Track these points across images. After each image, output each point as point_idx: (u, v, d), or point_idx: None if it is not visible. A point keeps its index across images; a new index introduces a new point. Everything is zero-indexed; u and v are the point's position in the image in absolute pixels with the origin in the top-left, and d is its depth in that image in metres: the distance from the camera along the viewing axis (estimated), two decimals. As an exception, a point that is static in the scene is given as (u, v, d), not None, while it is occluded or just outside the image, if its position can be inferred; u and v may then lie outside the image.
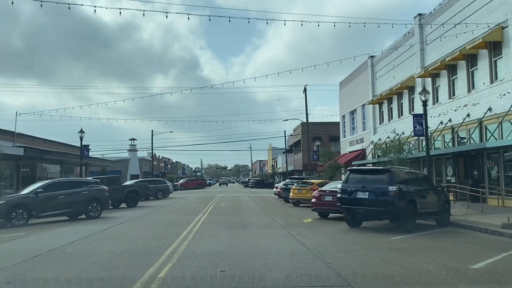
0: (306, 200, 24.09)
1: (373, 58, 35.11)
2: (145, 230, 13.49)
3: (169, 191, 38.88)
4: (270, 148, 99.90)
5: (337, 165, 33.31)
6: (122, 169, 65.01)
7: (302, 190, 24.42)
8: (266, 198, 34.48)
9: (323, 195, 17.07)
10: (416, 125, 20.00)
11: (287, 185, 28.36)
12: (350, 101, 40.51)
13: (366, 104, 36.19)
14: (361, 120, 37.70)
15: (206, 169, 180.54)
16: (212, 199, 33.83)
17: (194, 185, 68.77)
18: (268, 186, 70.30)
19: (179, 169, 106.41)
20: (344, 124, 43.37)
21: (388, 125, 32.15)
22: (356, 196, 13.34)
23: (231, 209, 22.90)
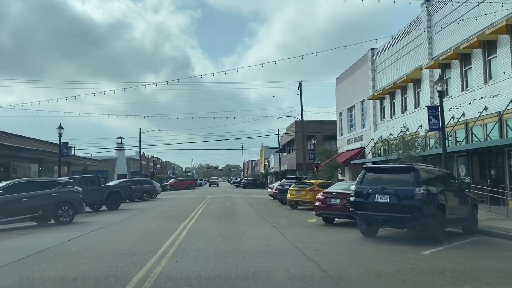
0: (306, 202, 21.76)
1: (373, 51, 32.88)
2: (117, 242, 10.98)
3: (156, 192, 36.27)
4: (262, 147, 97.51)
5: (336, 164, 31.02)
6: (109, 169, 62.18)
7: (301, 191, 22.04)
8: (260, 200, 32.07)
9: (329, 197, 14.68)
10: (432, 118, 17.72)
11: (283, 185, 25.97)
12: (348, 97, 38.25)
13: (366, 100, 33.95)
14: (360, 117, 35.45)
15: (197, 169, 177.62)
16: (202, 200, 31.32)
17: (184, 186, 66.12)
18: (261, 187, 67.88)
19: (169, 169, 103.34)
20: (341, 121, 41.10)
21: (390, 122, 29.92)
22: (374, 200, 10.96)
23: (223, 212, 20.44)
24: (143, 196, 33.76)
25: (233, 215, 19.02)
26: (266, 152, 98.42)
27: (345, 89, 39.11)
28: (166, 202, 30.16)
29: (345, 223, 15.02)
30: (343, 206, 14.06)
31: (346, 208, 14.00)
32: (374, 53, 32.71)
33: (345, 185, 15.59)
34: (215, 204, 26.71)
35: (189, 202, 29.94)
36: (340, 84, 40.73)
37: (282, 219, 17.28)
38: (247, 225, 14.85)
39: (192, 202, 29.88)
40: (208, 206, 24.78)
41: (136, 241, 11.00)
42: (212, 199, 33.64)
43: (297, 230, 13.49)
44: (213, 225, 14.76)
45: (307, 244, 10.31)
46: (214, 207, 24.40)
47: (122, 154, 62.80)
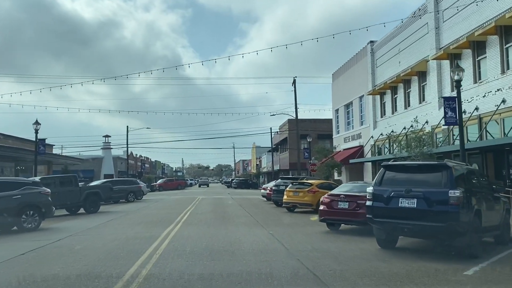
0: (304, 205, 19.69)
1: (373, 44, 30.94)
2: (78, 259, 8.77)
3: (142, 193, 33.98)
4: (254, 146, 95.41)
5: (334, 163, 29.00)
6: (95, 168, 59.61)
7: (298, 193, 19.95)
8: (253, 201, 29.95)
9: (335, 200, 12.58)
10: (448, 111, 15.70)
11: (278, 186, 23.87)
12: (345, 93, 36.29)
13: (365, 96, 32.00)
14: (358, 113, 33.50)
15: (188, 169, 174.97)
16: (191, 202, 29.12)
17: (173, 186, 63.74)
18: (253, 187, 65.76)
19: (159, 169, 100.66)
20: (337, 119, 39.13)
21: (392, 118, 27.98)
22: (398, 205, 8.89)
23: (213, 216, 18.27)
24: (128, 197, 31.47)
25: (224, 219, 16.87)
26: (258, 152, 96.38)
27: (342, 84, 37.16)
28: (152, 204, 27.90)
29: (353, 229, 12.97)
30: (353, 211, 12.01)
31: (357, 213, 11.98)
32: (373, 45, 30.77)
33: (353, 186, 13.53)
34: (205, 206, 24.53)
35: (177, 204, 27.71)
36: (337, 79, 38.76)
37: (279, 224, 15.19)
38: (240, 232, 12.71)
39: (180, 204, 27.66)
40: (196, 209, 22.59)
41: (104, 257, 8.79)
42: (201, 200, 31.44)
43: (300, 239, 11.39)
44: (200, 233, 12.60)
45: (317, 261, 8.20)
46: (203, 209, 22.22)
47: (109, 153, 60.21)
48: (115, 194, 30.24)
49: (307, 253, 9.11)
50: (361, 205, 11.87)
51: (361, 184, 13.41)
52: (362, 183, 13.67)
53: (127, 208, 24.71)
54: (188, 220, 16.36)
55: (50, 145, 40.47)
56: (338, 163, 29.06)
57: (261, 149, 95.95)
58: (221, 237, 11.74)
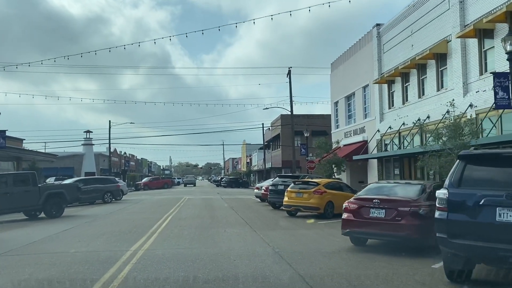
0: (309, 208, 16.25)
1: (379, 27, 27.56)
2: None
3: (121, 193, 30.25)
4: (244, 143, 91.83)
5: (337, 159, 25.54)
6: (75, 165, 55.47)
7: (302, 194, 16.48)
8: (246, 202, 26.42)
9: (366, 207, 9.05)
10: (499, 90, 12.39)
11: (276, 185, 20.38)
12: (346, 84, 32.91)
13: (369, 85, 28.64)
14: (361, 105, 30.14)
15: (176, 167, 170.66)
16: (176, 203, 25.50)
17: (159, 185, 59.86)
18: (243, 186, 62.26)
19: (145, 167, 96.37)
20: (336, 112, 35.74)
21: (402, 109, 24.65)
22: (494, 219, 5.46)
23: (198, 223, 14.70)
24: (105, 198, 27.70)
25: (212, 228, 13.31)
26: (248, 150, 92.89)
27: (342, 74, 33.77)
28: (130, 206, 24.20)
29: (383, 244, 9.54)
30: (393, 222, 8.55)
31: (398, 225, 8.53)
32: (380, 29, 27.41)
33: (389, 187, 10.02)
34: (190, 209, 20.93)
35: (159, 205, 24.07)
36: (336, 69, 35.36)
37: (285, 236, 11.70)
38: (235, 251, 9.18)
39: (163, 205, 24.03)
40: (180, 213, 18.99)
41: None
42: (187, 201, 27.81)
43: (321, 263, 7.91)
44: (179, 252, 9.05)
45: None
46: (188, 213, 18.64)
47: (90, 149, 56.08)
48: (89, 194, 26.62)
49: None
50: (403, 214, 8.49)
51: (401, 184, 9.96)
52: (404, 183, 10.20)
53: (99, 211, 20.98)
54: (166, 230, 12.76)
55: (19, 139, 36.39)
56: (342, 159, 25.66)
57: (251, 147, 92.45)
58: (208, 260, 8.18)
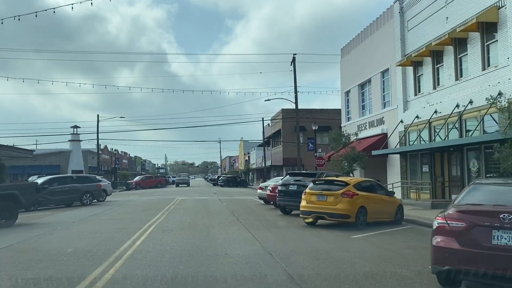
0: (336, 216, 12.23)
1: (402, 1, 23.55)
2: None
3: (103, 193, 26.11)
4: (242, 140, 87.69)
5: (356, 154, 21.23)
6: (62, 163, 51.18)
7: (326, 197, 12.41)
8: (248, 205, 22.33)
9: (483, 226, 4.94)
10: None
11: (287, 185, 16.30)
12: (359, 70, 28.87)
13: (390, 69, 24.61)
14: (379, 93, 26.09)
15: (172, 166, 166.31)
16: (165, 206, 21.42)
17: (152, 184, 55.71)
18: (242, 185, 58.17)
19: (138, 165, 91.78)
20: (347, 103, 31.69)
21: (434, 95, 20.64)
22: None
23: (188, 240, 10.56)
24: (83, 199, 23.53)
25: (206, 250, 9.19)
26: (246, 147, 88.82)
27: (355, 60, 29.73)
28: (109, 210, 20.06)
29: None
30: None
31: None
32: (403, 3, 23.38)
33: (507, 190, 5.91)
34: (180, 215, 16.82)
35: (144, 209, 19.95)
36: (347, 55, 31.29)
37: (321, 264, 7.60)
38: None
39: (149, 209, 19.93)
40: (166, 220, 14.87)
41: None
42: (179, 203, 23.69)
43: None
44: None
45: None
46: (176, 221, 14.52)
47: (78, 146, 51.72)
48: (64, 195, 22.53)
49: None
50: None
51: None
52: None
53: (68, 217, 16.81)
54: (138, 254, 8.60)
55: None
56: (362, 153, 21.51)
57: (249, 144, 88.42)
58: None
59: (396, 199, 14.44)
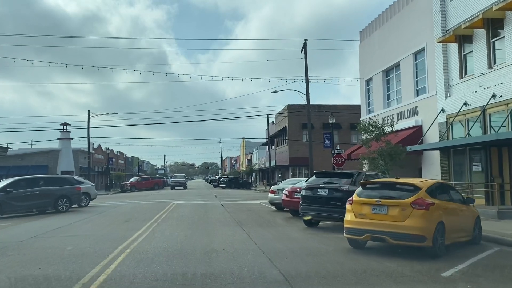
0: (405, 237, 7.80)
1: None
2: None
3: (83, 197, 21.99)
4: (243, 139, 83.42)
5: (395, 150, 16.64)
6: (50, 163, 46.88)
7: (386, 208, 8.14)
8: (257, 212, 18.03)
9: None
10: None
11: (314, 189, 12.01)
12: (384, 54, 24.63)
13: (426, 49, 20.36)
14: (411, 79, 21.83)
15: (172, 167, 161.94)
16: (156, 213, 17.19)
17: (149, 185, 51.54)
18: (244, 186, 53.88)
19: (135, 166, 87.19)
20: (368, 93, 27.44)
21: (489, 76, 16.38)
22: None
23: (180, 281, 6.34)
24: (57, 205, 19.28)
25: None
26: (248, 148, 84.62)
27: (378, 43, 25.49)
28: (86, 219, 15.79)
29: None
30: None
31: None
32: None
33: None
34: (173, 228, 12.54)
35: (130, 218, 15.70)
36: (368, 38, 27.04)
37: None
38: None
39: (135, 217, 15.69)
40: (151, 238, 10.57)
41: None
42: (174, 210, 19.45)
43: None
44: None
45: None
46: (164, 239, 10.25)
47: (68, 145, 47.38)
48: (33, 200, 18.35)
49: None
50: None
51: None
52: None
53: (23, 231, 12.53)
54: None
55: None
56: (402, 149, 17.14)
57: (251, 144, 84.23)
58: None
59: (473, 208, 10.19)
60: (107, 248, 9.04)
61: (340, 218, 11.36)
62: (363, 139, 18.32)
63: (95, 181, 58.21)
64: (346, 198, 11.39)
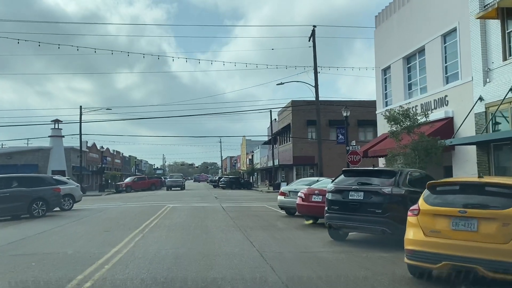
0: (506, 268, 4.80)
1: None
2: None
3: (64, 200, 19.19)
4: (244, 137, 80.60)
5: (431, 143, 13.73)
6: (40, 162, 44.04)
7: (474, 223, 5.28)
8: (264, 217, 15.17)
9: None
10: None
11: (345, 191, 9.16)
12: (404, 38, 21.82)
13: (458, 29, 17.53)
14: (440, 64, 18.99)
15: (171, 167, 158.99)
16: (147, 219, 14.39)
17: (145, 186, 48.74)
18: (245, 187, 51.03)
19: (132, 165, 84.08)
20: (385, 83, 24.61)
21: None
22: None
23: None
24: (32, 210, 16.46)
25: None
26: (249, 147, 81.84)
27: (397, 26, 22.68)
28: (59, 228, 12.97)
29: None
30: None
31: None
32: None
33: None
34: (161, 242, 9.71)
35: (112, 226, 12.88)
36: (386, 21, 24.22)
37: None
38: None
39: (119, 226, 12.89)
40: (129, 259, 7.72)
41: None
42: (168, 214, 16.63)
43: None
44: None
45: None
46: (148, 259, 7.43)
47: (59, 142, 44.51)
48: (1, 204, 15.50)
49: None
50: None
51: None
52: None
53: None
54: None
55: None
56: (440, 142, 14.23)
57: (252, 143, 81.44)
58: None
59: None
60: (60, 278, 6.21)
61: (381, 230, 8.59)
62: (392, 131, 15.44)
63: (89, 181, 55.35)
64: (388, 204, 8.59)
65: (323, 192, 12.45)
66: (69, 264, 7.23)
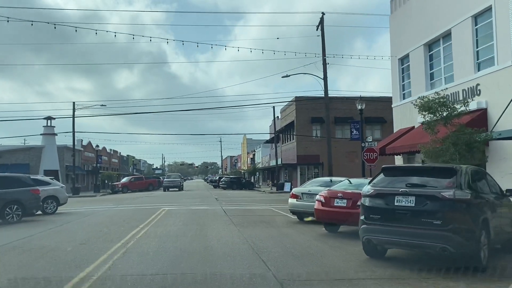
0: None
1: None
2: None
3: (45, 203, 16.97)
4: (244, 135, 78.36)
5: (474, 136, 11.46)
6: (32, 161, 41.74)
7: None
8: (275, 225, 12.81)
9: None
10: None
11: (389, 196, 6.83)
12: (426, 22, 19.52)
13: (493, 7, 15.21)
14: (470, 49, 16.68)
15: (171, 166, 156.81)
16: (136, 226, 12.12)
17: (142, 186, 46.50)
18: (247, 187, 48.73)
19: (130, 165, 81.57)
20: (402, 74, 22.33)
21: None
22: None
23: None
24: (6, 215, 14.20)
25: None
26: (250, 146, 79.61)
27: (417, 10, 20.41)
28: (32, 237, 10.71)
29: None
30: None
31: None
32: None
33: None
34: (146, 260, 7.45)
35: (92, 236, 10.60)
36: (403, 6, 21.93)
37: None
38: None
39: (100, 236, 10.62)
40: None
41: None
42: (161, 220, 14.36)
43: None
44: None
45: None
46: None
47: (52, 141, 42.20)
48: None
49: None
50: None
51: None
52: None
53: None
54: None
55: None
56: (488, 134, 11.97)
57: (253, 142, 79.23)
58: None
59: None
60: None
61: (442, 248, 6.33)
62: (427, 122, 13.14)
63: (84, 181, 53.04)
64: (451, 212, 6.32)
65: (348, 195, 10.21)
66: (88, 247, 5.01)
